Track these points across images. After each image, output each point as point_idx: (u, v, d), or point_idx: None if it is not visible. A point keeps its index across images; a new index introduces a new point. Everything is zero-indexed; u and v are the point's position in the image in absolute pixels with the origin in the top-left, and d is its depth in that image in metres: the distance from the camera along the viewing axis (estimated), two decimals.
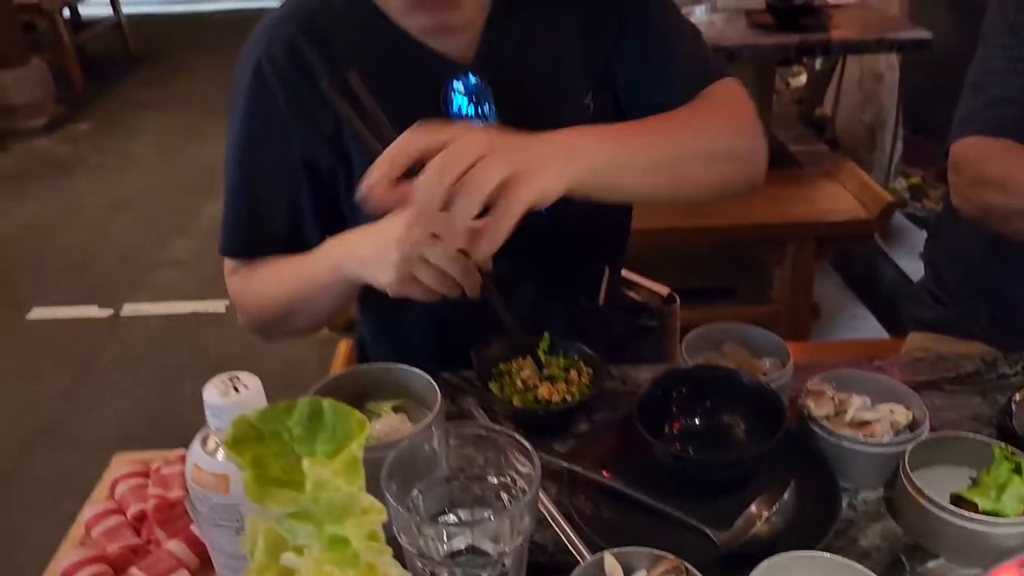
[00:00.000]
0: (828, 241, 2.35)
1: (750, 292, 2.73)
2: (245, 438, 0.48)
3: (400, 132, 0.75)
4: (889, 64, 3.27)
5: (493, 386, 0.90)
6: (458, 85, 0.93)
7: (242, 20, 7.56)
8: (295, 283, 0.94)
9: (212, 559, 0.70)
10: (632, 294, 1.13)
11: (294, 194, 0.96)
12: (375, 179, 0.73)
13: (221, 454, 0.63)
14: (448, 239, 0.74)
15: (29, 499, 2.20)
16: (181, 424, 2.38)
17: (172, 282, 3.20)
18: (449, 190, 0.70)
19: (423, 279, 0.77)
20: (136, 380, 2.64)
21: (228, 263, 1.03)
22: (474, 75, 0.94)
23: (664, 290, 1.10)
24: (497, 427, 0.69)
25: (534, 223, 0.94)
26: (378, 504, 0.51)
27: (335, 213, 0.98)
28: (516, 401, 0.88)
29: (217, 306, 3.00)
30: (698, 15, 2.41)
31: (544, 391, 0.88)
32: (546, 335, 0.93)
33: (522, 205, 0.72)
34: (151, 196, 3.91)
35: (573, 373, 0.91)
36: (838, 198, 2.33)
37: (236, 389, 0.61)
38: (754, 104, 0.96)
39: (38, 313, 3.01)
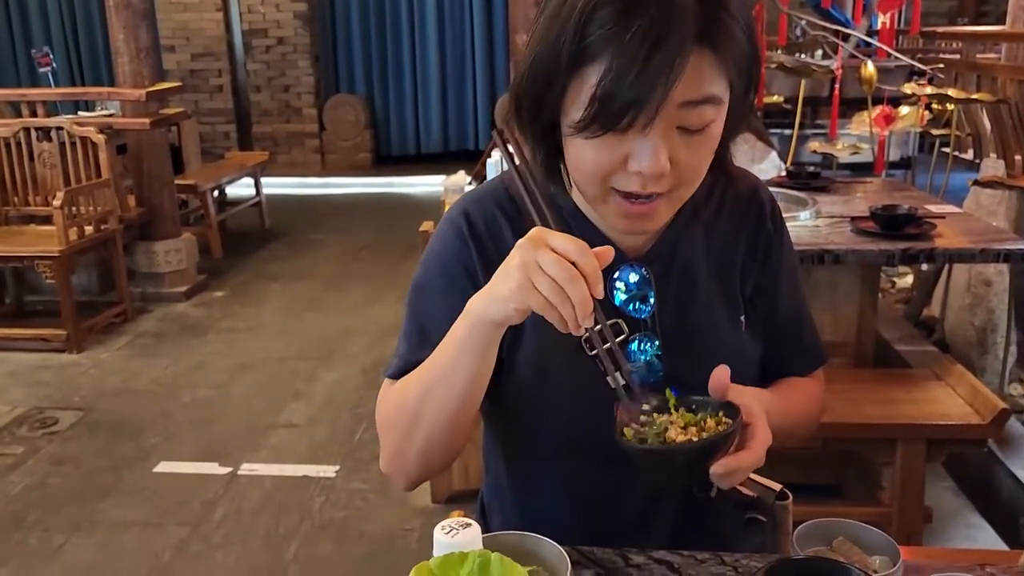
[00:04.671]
0: (939, 444, 2.31)
1: (858, 491, 2.68)
2: None
3: None
4: (998, 268, 3.28)
5: (627, 432, 0.90)
6: (624, 275, 1.02)
7: (362, 202, 8.13)
8: (430, 364, 0.99)
9: None
10: (744, 488, 1.16)
11: None
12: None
13: None
14: (564, 252, 0.82)
15: None
16: None
17: (286, 444, 3.37)
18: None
19: (540, 287, 0.82)
20: (245, 538, 2.75)
21: (385, 384, 1.09)
22: (638, 268, 1.02)
23: (776, 486, 1.13)
24: None
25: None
26: None
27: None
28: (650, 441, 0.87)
29: (327, 471, 3.13)
30: (803, 219, 2.51)
31: (673, 433, 0.88)
32: (668, 391, 0.93)
33: None
34: (272, 361, 4.18)
35: (711, 422, 0.91)
36: (948, 402, 2.32)
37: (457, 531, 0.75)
38: None
39: (164, 467, 3.21)
